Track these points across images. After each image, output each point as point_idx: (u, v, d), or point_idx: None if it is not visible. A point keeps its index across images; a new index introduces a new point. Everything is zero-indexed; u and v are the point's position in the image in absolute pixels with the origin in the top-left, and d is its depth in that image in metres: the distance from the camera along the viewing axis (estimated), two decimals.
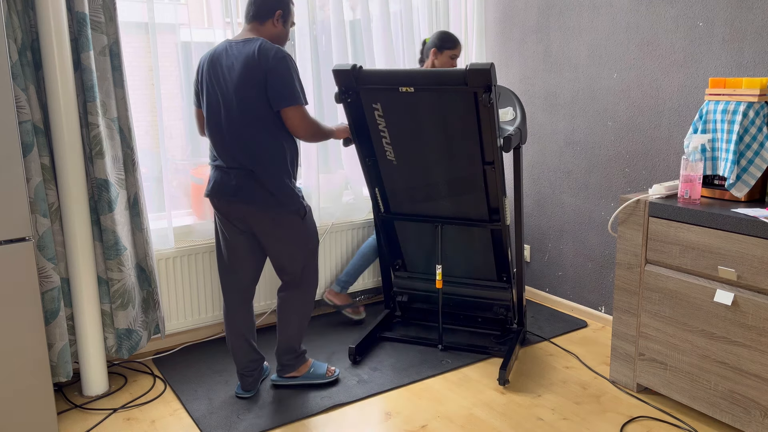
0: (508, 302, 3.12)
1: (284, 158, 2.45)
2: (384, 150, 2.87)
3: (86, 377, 2.69)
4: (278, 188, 2.43)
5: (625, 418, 2.48)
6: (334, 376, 2.78)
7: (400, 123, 2.74)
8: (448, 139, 2.72)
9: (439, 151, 2.77)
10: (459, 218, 2.97)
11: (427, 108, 2.65)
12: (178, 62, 3.01)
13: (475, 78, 2.45)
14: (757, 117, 2.33)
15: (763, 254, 2.13)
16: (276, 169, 2.43)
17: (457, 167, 2.80)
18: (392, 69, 2.61)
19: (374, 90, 2.66)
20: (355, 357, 2.96)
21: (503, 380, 2.73)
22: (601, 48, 3.20)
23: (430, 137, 2.74)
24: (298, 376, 2.73)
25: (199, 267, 3.13)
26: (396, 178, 2.97)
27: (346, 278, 3.43)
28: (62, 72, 2.42)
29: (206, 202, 3.14)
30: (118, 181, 2.68)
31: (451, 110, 2.61)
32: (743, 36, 2.63)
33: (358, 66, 2.63)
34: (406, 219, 3.06)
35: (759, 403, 2.22)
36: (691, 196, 2.42)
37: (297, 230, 2.52)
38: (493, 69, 2.43)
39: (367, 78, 2.62)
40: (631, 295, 2.61)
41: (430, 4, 3.60)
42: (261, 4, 2.45)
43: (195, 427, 2.46)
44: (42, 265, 2.50)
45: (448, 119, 2.65)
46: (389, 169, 2.94)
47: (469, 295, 3.22)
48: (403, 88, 2.58)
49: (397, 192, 3.02)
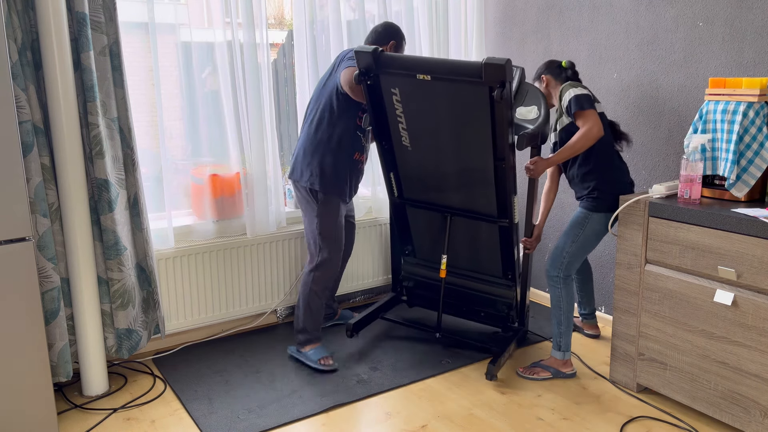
0: (511, 300, 3.12)
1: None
2: (400, 135, 2.91)
3: (86, 377, 2.69)
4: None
5: (625, 418, 2.48)
6: (325, 366, 2.87)
7: (416, 110, 2.78)
8: (462, 131, 2.73)
9: (452, 141, 2.79)
10: (468, 211, 2.99)
11: (443, 98, 2.65)
12: (178, 62, 3.01)
13: (490, 72, 2.44)
14: (757, 117, 2.33)
15: (763, 254, 2.13)
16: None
17: (469, 160, 2.81)
18: (412, 56, 2.63)
19: (393, 75, 2.69)
20: (352, 333, 3.11)
21: (491, 375, 2.75)
22: (601, 48, 3.20)
23: (445, 127, 2.75)
24: (302, 352, 2.98)
25: (199, 267, 3.13)
26: (410, 164, 3.01)
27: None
28: (62, 72, 2.42)
29: (206, 202, 3.15)
30: (118, 181, 2.68)
31: (466, 102, 2.62)
32: (743, 36, 2.63)
33: (380, 49, 2.67)
34: (418, 206, 3.11)
35: (759, 403, 2.22)
36: (691, 196, 2.42)
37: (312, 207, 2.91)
38: (509, 65, 2.42)
39: (387, 62, 2.66)
40: (631, 295, 2.61)
41: (430, 4, 3.60)
42: (381, 33, 2.93)
43: (195, 427, 2.46)
44: (42, 265, 2.50)
45: (463, 111, 2.66)
46: (404, 154, 2.99)
47: (473, 289, 3.25)
48: (421, 76, 2.61)
49: (411, 178, 3.07)
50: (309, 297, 2.92)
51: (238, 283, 3.27)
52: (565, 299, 2.75)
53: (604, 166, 2.70)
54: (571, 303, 2.77)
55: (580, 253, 2.73)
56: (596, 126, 2.59)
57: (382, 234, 3.71)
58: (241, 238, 3.23)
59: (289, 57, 3.51)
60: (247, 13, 3.06)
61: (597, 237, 2.72)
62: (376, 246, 3.70)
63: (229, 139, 3.14)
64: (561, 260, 2.74)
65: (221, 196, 3.16)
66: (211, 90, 3.12)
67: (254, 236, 3.26)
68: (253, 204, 3.20)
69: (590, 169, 2.70)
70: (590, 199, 2.70)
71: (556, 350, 2.80)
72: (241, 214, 3.26)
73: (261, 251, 3.30)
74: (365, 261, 3.68)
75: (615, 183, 2.69)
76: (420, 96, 2.71)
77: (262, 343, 3.19)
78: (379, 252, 3.72)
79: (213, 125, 3.13)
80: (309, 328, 2.94)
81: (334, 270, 2.94)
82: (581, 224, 2.71)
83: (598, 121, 2.59)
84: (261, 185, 3.20)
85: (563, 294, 2.75)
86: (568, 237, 2.73)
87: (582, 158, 2.72)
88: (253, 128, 3.15)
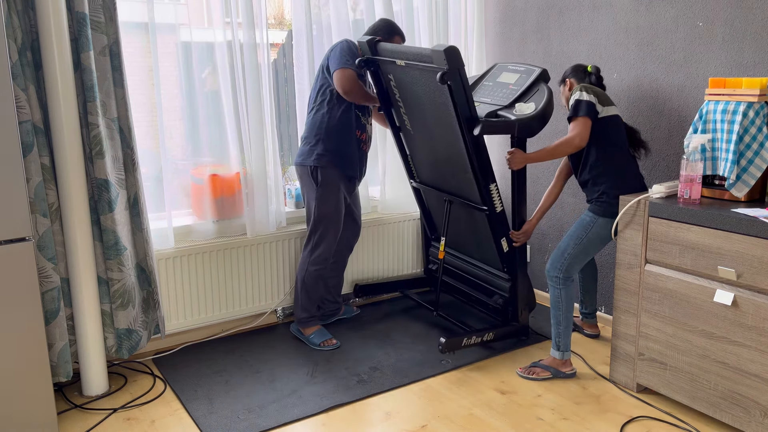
0: (506, 293, 3.15)
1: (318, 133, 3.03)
2: (403, 119, 3.17)
3: (86, 377, 2.69)
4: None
5: (625, 418, 2.48)
6: (328, 347, 3.08)
7: (409, 95, 2.98)
8: (437, 116, 2.88)
9: (436, 126, 2.94)
10: (460, 196, 3.12)
11: (421, 83, 2.85)
12: (178, 62, 3.01)
13: (436, 59, 2.61)
14: (757, 117, 2.33)
15: (763, 254, 2.13)
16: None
17: (448, 145, 2.95)
18: (397, 44, 2.83)
19: (385, 62, 2.94)
20: (357, 294, 3.53)
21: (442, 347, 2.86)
22: (601, 48, 3.20)
23: (429, 112, 2.92)
24: (303, 335, 3.16)
25: (199, 267, 3.13)
26: (414, 147, 3.26)
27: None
28: (62, 72, 2.42)
29: (206, 202, 3.15)
30: (118, 181, 2.68)
31: (434, 88, 2.78)
32: (743, 36, 2.63)
33: (377, 39, 2.95)
34: (425, 187, 3.35)
35: (759, 403, 2.22)
36: (691, 196, 2.42)
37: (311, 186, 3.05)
38: (452, 53, 2.55)
39: (380, 51, 2.94)
40: (631, 295, 2.61)
41: (430, 4, 3.60)
42: (380, 27, 3.04)
43: (195, 427, 2.46)
44: (42, 265, 2.50)
45: (434, 97, 2.81)
46: (409, 138, 3.26)
47: (475, 276, 3.35)
48: (399, 62, 2.84)
49: (417, 161, 3.34)
50: (306, 277, 3.09)
51: (238, 283, 3.27)
52: (564, 300, 2.75)
53: (616, 171, 2.70)
54: (570, 304, 2.77)
55: (581, 256, 2.73)
56: (579, 137, 2.62)
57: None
58: (241, 238, 3.23)
59: (289, 57, 3.51)
60: (247, 13, 3.06)
61: (601, 241, 2.72)
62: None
63: (229, 139, 3.14)
64: (562, 261, 2.74)
65: (221, 196, 3.16)
66: (211, 90, 3.12)
67: (254, 236, 3.26)
68: (253, 204, 3.20)
69: (601, 172, 2.70)
70: (598, 203, 2.70)
71: (555, 350, 2.80)
72: (241, 214, 3.26)
73: (261, 251, 3.30)
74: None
75: (625, 190, 2.69)
76: (409, 81, 2.91)
77: (262, 343, 3.19)
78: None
79: (213, 125, 3.13)
80: (308, 307, 3.12)
81: (329, 251, 3.09)
82: (586, 227, 2.71)
83: (583, 132, 2.62)
84: (261, 185, 3.20)
85: (562, 295, 2.75)
86: (572, 239, 2.73)
87: (593, 161, 2.72)
88: (253, 128, 3.15)
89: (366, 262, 3.69)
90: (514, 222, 3.03)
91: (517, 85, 2.99)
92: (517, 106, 2.88)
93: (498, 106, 2.93)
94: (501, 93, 3.03)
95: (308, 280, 3.09)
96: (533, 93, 2.93)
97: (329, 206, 3.04)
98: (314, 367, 2.91)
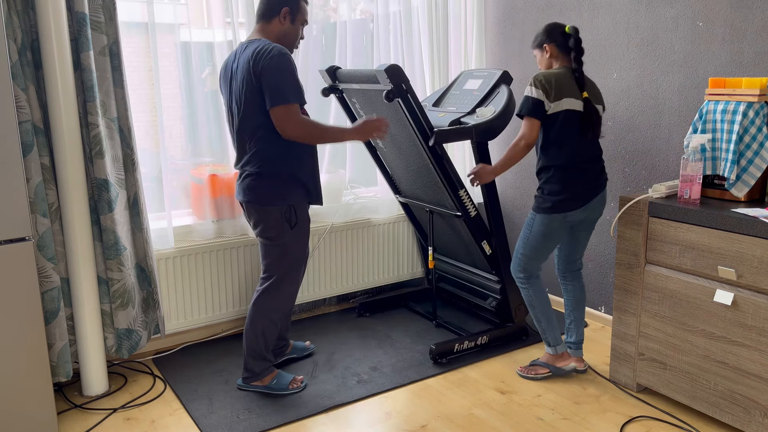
0: (497, 295, 3.20)
1: (287, 164, 2.44)
2: (376, 140, 3.23)
3: (86, 377, 2.69)
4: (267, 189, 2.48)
5: (625, 418, 2.49)
6: (298, 388, 2.69)
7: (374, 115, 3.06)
8: (401, 132, 2.96)
9: (403, 142, 3.02)
10: (437, 205, 3.18)
11: (378, 103, 2.94)
12: (177, 62, 3.01)
13: (381, 79, 2.70)
14: (757, 117, 2.33)
15: (763, 254, 2.13)
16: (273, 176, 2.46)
17: (416, 158, 3.03)
18: (353, 69, 2.90)
19: (347, 89, 3.06)
20: (361, 312, 3.52)
21: (433, 355, 2.90)
22: (601, 48, 3.20)
23: (395, 129, 3.02)
24: (260, 386, 2.68)
25: (199, 267, 3.13)
26: (391, 164, 3.33)
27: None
28: (62, 72, 2.42)
29: (206, 201, 3.14)
30: (118, 181, 2.68)
31: (389, 106, 2.87)
32: (743, 36, 2.63)
33: (335, 67, 3.03)
34: (408, 202, 3.43)
35: (759, 403, 2.22)
36: (690, 196, 2.42)
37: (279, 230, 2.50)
38: (393, 71, 2.62)
39: (340, 77, 3.02)
40: (631, 295, 2.61)
41: (429, 4, 3.60)
42: (267, 2, 2.42)
43: (195, 427, 2.46)
44: (42, 265, 2.50)
45: (392, 114, 2.90)
46: (384, 156, 3.33)
47: (469, 281, 3.40)
48: (356, 85, 2.93)
49: (396, 177, 3.40)
50: (266, 328, 2.61)
51: (238, 283, 3.27)
52: (535, 297, 2.74)
53: (555, 173, 2.55)
54: (542, 299, 2.75)
55: (533, 253, 2.68)
56: (524, 139, 2.49)
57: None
58: (241, 238, 3.23)
59: None
60: (248, 13, 3.06)
61: (545, 237, 2.62)
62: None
63: (229, 139, 3.14)
64: (518, 261, 2.73)
65: (221, 196, 3.16)
66: (211, 90, 3.12)
67: (254, 236, 3.26)
68: None
69: (541, 169, 2.62)
70: (535, 200, 2.65)
71: (547, 346, 2.80)
72: (241, 214, 3.26)
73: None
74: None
75: (558, 189, 2.55)
76: (370, 103, 3.00)
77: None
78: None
79: (213, 125, 3.13)
80: (267, 357, 2.66)
81: (295, 295, 2.65)
82: (529, 225, 2.68)
83: (527, 134, 2.49)
84: None
85: (532, 293, 2.74)
86: (521, 238, 2.72)
87: (539, 158, 2.62)
88: None
89: (366, 265, 3.68)
90: (490, 224, 3.08)
91: (479, 90, 3.05)
92: (478, 111, 2.94)
93: (461, 114, 2.99)
94: (465, 100, 3.09)
95: (269, 330, 2.61)
96: (494, 96, 2.99)
97: (303, 245, 2.57)
98: (314, 367, 2.91)
